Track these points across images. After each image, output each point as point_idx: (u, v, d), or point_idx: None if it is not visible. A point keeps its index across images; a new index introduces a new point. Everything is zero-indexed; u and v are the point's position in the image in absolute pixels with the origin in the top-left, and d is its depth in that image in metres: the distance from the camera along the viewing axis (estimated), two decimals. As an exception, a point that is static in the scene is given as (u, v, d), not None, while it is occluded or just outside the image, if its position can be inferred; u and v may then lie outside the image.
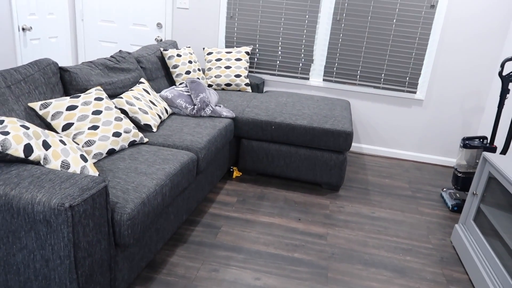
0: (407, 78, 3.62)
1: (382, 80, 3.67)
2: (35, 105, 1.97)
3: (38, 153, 1.55)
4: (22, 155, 1.49)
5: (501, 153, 2.80)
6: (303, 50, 3.73)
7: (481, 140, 2.87)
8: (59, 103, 2.01)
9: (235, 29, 3.78)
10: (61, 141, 1.74)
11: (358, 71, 3.68)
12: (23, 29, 3.36)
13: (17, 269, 1.42)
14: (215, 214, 2.57)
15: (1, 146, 1.44)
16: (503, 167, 2.08)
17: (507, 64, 3.29)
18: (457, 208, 2.93)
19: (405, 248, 2.41)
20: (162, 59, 3.26)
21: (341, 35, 3.61)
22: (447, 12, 3.40)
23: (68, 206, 1.29)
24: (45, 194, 1.32)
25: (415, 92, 3.66)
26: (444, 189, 3.18)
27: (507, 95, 2.99)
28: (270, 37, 3.74)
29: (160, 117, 2.61)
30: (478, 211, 2.30)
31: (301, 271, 2.10)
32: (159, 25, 3.90)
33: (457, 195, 3.04)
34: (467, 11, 3.37)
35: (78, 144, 1.94)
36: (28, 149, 1.51)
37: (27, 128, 1.59)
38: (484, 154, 2.28)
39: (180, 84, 3.18)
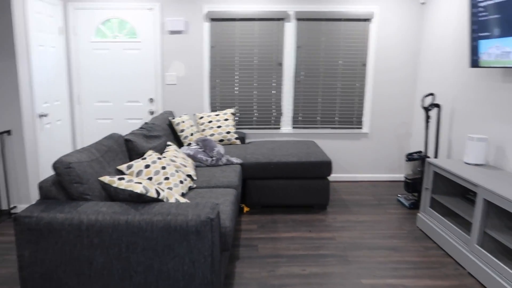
0: (354, 118, 4.76)
1: (336, 122, 4.76)
2: (123, 167, 2.60)
3: (162, 194, 2.21)
4: (155, 195, 2.15)
5: (433, 161, 3.94)
6: (273, 106, 4.72)
7: (419, 153, 4.01)
8: (138, 164, 2.66)
9: (217, 96, 4.67)
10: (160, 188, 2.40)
11: (318, 117, 4.75)
12: (40, 115, 3.87)
13: (167, 275, 2.03)
14: (247, 237, 3.26)
15: (145, 189, 2.09)
16: (442, 164, 3.15)
17: (424, 99, 4.58)
18: (413, 206, 3.97)
19: (391, 235, 3.32)
20: (170, 125, 3.98)
21: (301, 91, 4.68)
22: (374, 67, 4.67)
23: (212, 217, 1.98)
24: (193, 214, 1.99)
25: (361, 128, 4.80)
26: (399, 195, 4.23)
27: (429, 120, 4.21)
28: (246, 99, 4.68)
29: (194, 168, 3.31)
30: (431, 200, 3.33)
31: (328, 261, 2.88)
32: (151, 100, 4.63)
33: (409, 196, 4.10)
34: (388, 65, 4.67)
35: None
36: (157, 192, 2.17)
37: (143, 180, 2.25)
38: (427, 160, 3.35)
39: (188, 144, 3.91)
